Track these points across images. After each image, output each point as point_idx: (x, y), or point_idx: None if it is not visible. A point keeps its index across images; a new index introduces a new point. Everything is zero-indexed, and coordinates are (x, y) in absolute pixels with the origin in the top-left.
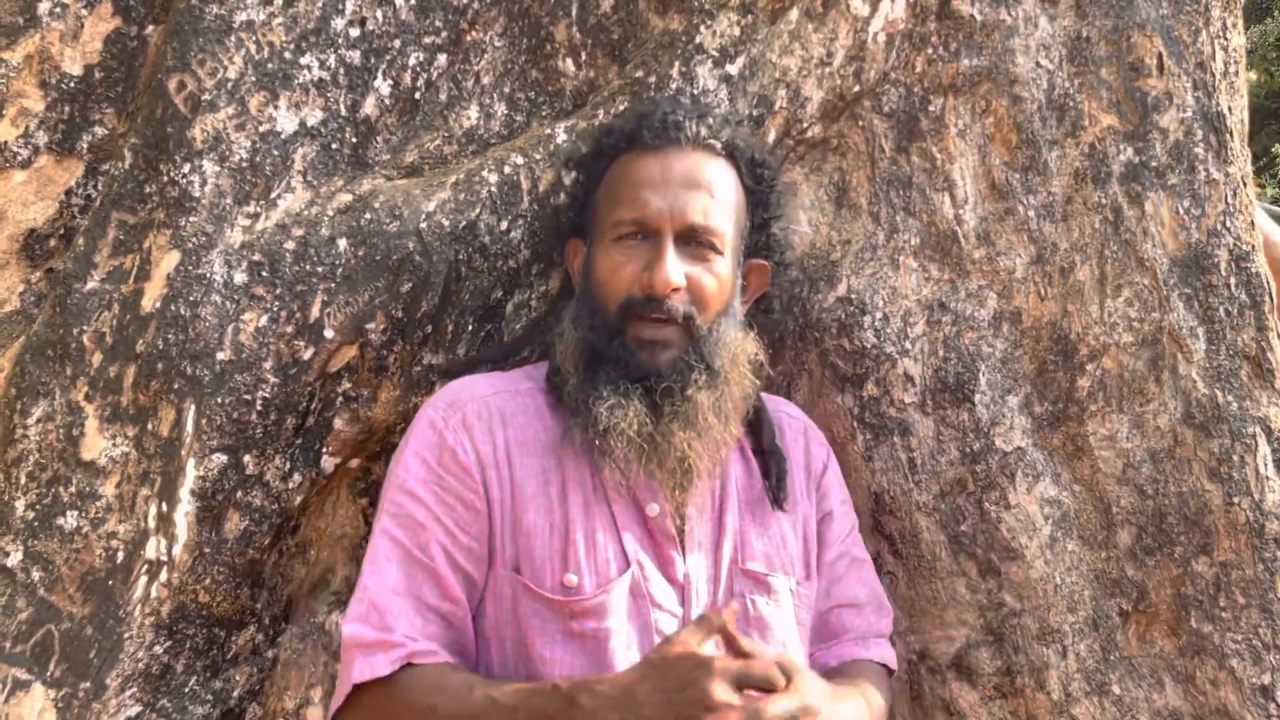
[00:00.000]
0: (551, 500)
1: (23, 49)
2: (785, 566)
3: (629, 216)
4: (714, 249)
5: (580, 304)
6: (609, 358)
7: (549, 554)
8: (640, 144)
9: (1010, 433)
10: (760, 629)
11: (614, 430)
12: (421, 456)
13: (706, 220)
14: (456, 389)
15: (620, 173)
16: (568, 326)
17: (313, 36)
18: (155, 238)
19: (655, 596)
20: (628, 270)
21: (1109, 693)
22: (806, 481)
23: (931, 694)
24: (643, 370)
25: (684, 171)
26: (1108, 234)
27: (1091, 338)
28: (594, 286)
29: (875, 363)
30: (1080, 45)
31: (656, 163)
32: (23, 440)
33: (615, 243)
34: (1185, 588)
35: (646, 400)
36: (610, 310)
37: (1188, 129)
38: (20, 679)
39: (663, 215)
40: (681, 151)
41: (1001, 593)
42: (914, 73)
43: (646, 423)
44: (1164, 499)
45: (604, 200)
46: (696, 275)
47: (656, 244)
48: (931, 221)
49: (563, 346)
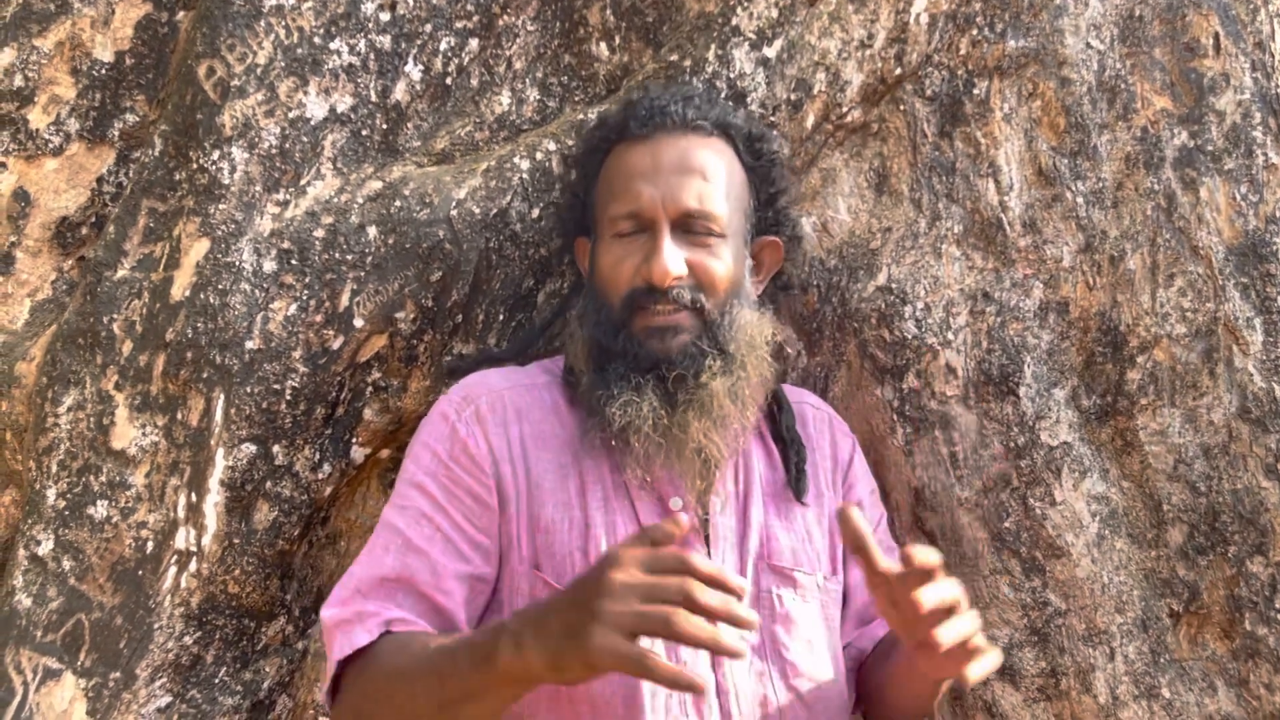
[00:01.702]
0: (570, 495)
1: (54, 35)
2: (811, 562)
3: (624, 210)
4: (713, 233)
5: (586, 302)
6: (617, 352)
7: (569, 550)
8: (629, 134)
9: (1056, 427)
10: (786, 625)
11: (629, 428)
12: (432, 448)
13: (702, 205)
14: (471, 383)
15: (613, 166)
16: (575, 325)
17: (342, 21)
18: (185, 225)
19: None
20: (628, 264)
21: (1158, 696)
22: (833, 472)
23: (973, 695)
24: (653, 359)
25: (675, 157)
26: (1160, 221)
27: (1142, 329)
28: (598, 283)
29: (916, 354)
30: (1133, 24)
31: (646, 151)
32: (54, 429)
33: (615, 238)
34: (1239, 588)
35: (659, 390)
36: (614, 305)
37: (1245, 111)
38: (51, 668)
39: (656, 204)
40: (671, 137)
41: (1046, 592)
42: (958, 54)
43: (661, 415)
44: (1217, 496)
45: (601, 195)
46: (699, 260)
47: (653, 235)
48: (975, 209)
49: (573, 346)
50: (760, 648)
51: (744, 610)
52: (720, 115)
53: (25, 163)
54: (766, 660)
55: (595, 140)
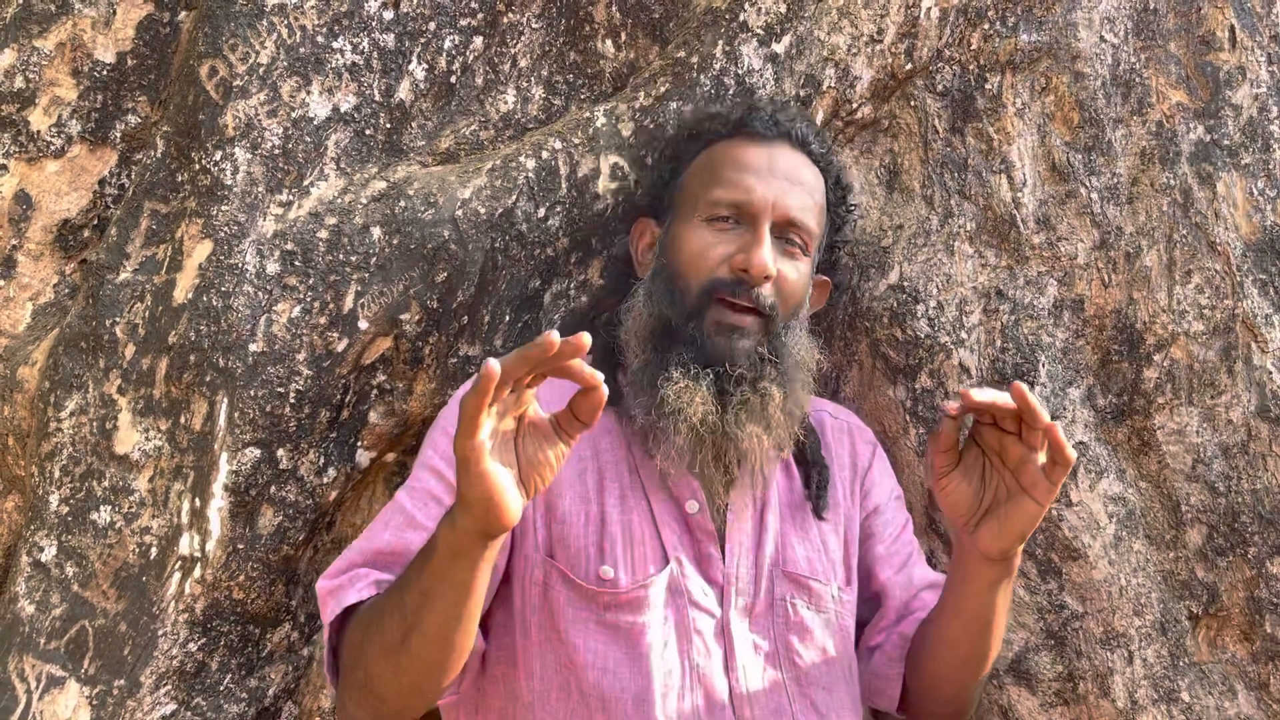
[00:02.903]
0: (588, 489)
1: (55, 36)
2: (826, 572)
3: (728, 198)
4: (803, 248)
5: (654, 282)
6: (684, 339)
7: (584, 544)
8: (747, 131)
9: (1072, 426)
10: (800, 633)
11: (679, 414)
12: (450, 433)
13: (804, 217)
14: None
15: (722, 155)
16: (641, 302)
17: (345, 20)
18: (187, 227)
19: (693, 594)
20: (718, 250)
21: (1178, 700)
22: (851, 481)
23: (989, 699)
24: (718, 355)
25: (789, 167)
26: (1176, 217)
27: (1159, 326)
28: (676, 264)
29: (929, 353)
30: (1147, 18)
31: (764, 152)
32: (56, 434)
33: (707, 223)
34: (1259, 590)
35: (715, 388)
36: (692, 289)
37: (1262, 105)
38: (55, 676)
39: (766, 202)
40: (788, 148)
41: (1063, 594)
42: (969, 49)
43: (712, 411)
44: (1237, 496)
45: (698, 180)
46: (785, 269)
47: (755, 229)
48: (988, 205)
49: (632, 322)
50: (773, 655)
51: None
52: (827, 151)
53: (27, 165)
54: (780, 668)
55: (701, 129)
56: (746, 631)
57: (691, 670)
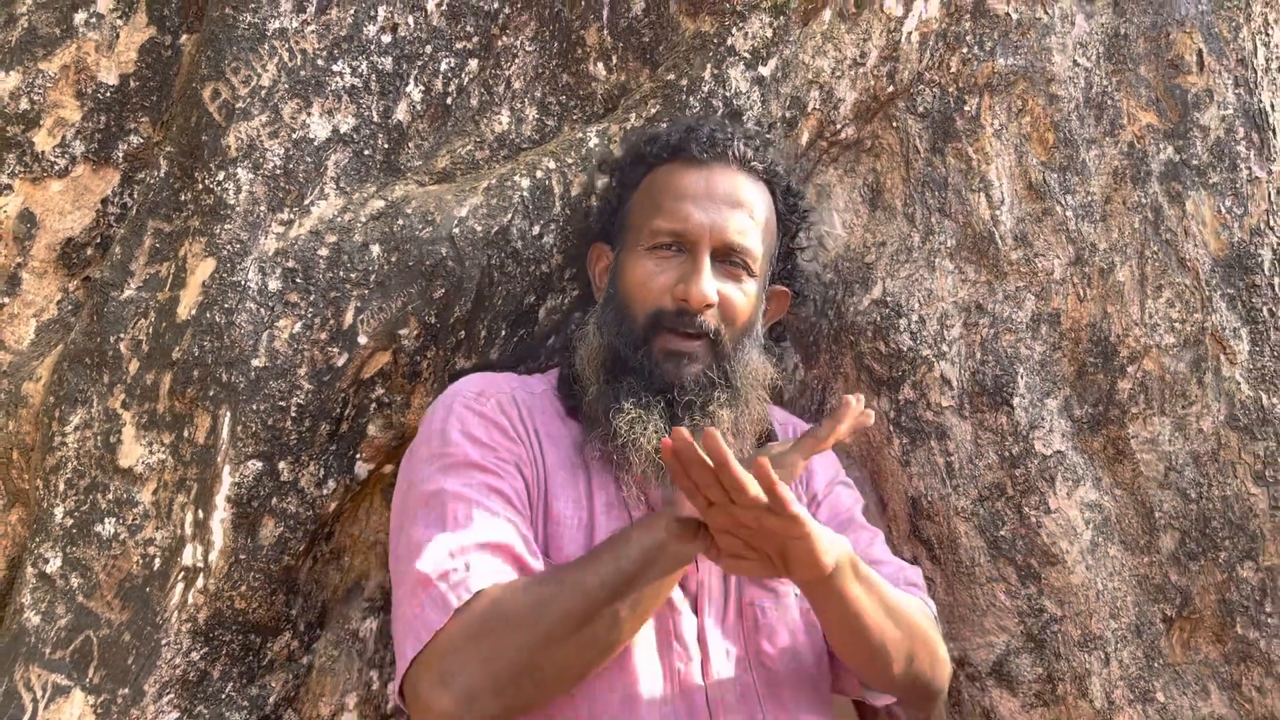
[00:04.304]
0: (580, 494)
1: (59, 59)
2: None
3: (668, 227)
4: (747, 270)
5: (606, 310)
6: (633, 368)
7: (575, 548)
8: (685, 156)
9: (1050, 436)
10: (769, 636)
11: (632, 445)
12: (470, 434)
13: (744, 240)
14: (479, 380)
15: (662, 182)
16: (592, 332)
17: (345, 43)
18: (191, 245)
19: (673, 601)
20: (660, 280)
21: (1153, 700)
22: (807, 483)
23: (971, 701)
24: (666, 382)
25: (728, 189)
26: (1148, 234)
27: (1132, 339)
28: (623, 293)
29: (911, 366)
30: (1118, 42)
31: (701, 177)
32: (61, 448)
33: (649, 251)
34: (1230, 593)
35: (667, 414)
36: (638, 319)
37: (1229, 126)
38: (60, 685)
39: (703, 230)
40: (727, 169)
41: (1042, 599)
42: (949, 72)
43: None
44: (1208, 503)
45: (641, 207)
46: (728, 293)
47: (694, 258)
48: (967, 223)
49: (585, 351)
50: (744, 659)
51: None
52: (771, 163)
53: (31, 185)
54: (750, 671)
55: (645, 153)
56: (720, 638)
57: (673, 675)
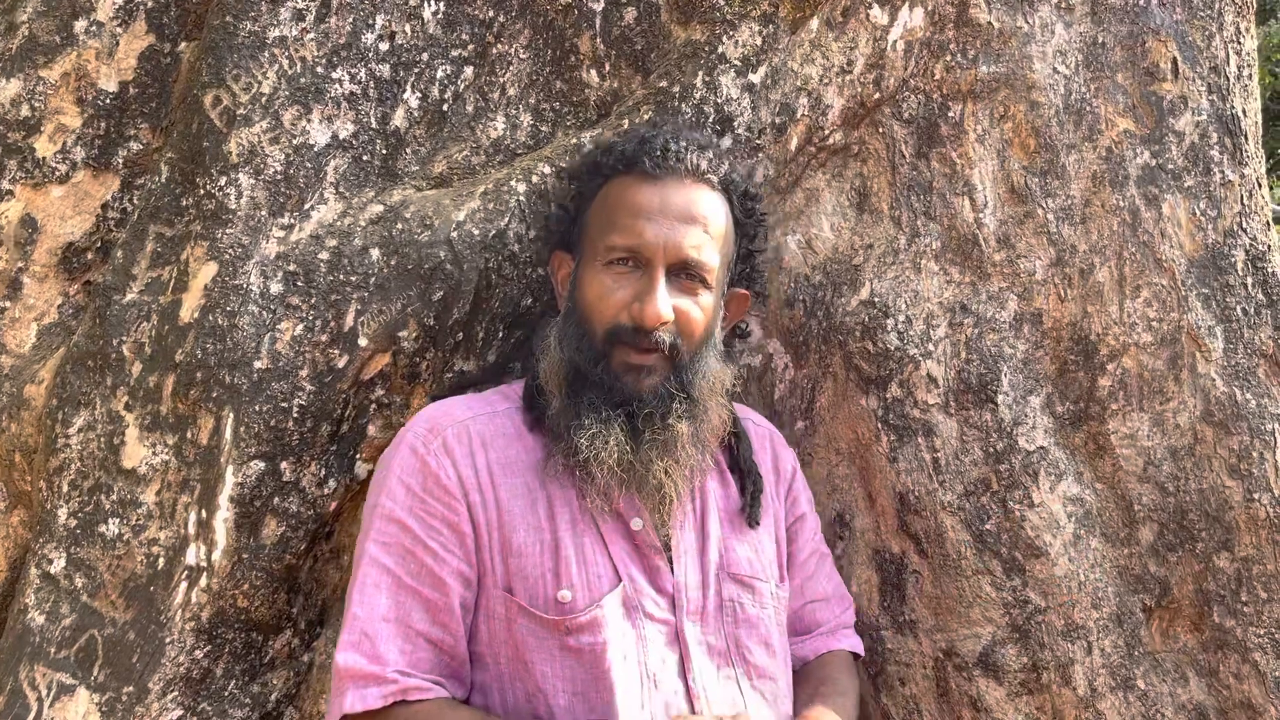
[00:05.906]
0: (540, 518)
1: (60, 67)
2: (765, 570)
3: (623, 243)
4: (703, 282)
5: (566, 324)
6: (593, 382)
7: (541, 572)
8: (639, 170)
9: (1033, 432)
10: (748, 630)
11: (594, 459)
12: (405, 483)
13: (699, 255)
14: (434, 413)
15: (617, 196)
16: (553, 345)
17: (344, 51)
18: (192, 249)
19: (646, 607)
20: (617, 297)
21: (1134, 688)
22: (777, 485)
23: (958, 690)
24: (625, 395)
25: (681, 204)
26: (1126, 236)
27: (1111, 338)
28: (581, 308)
29: (899, 365)
30: (1096, 51)
31: (655, 192)
32: (64, 450)
33: (606, 267)
34: (1207, 583)
35: (628, 426)
36: (596, 335)
37: (1203, 132)
38: (65, 684)
39: (657, 247)
40: (680, 183)
41: (1026, 590)
42: (933, 79)
43: (627, 451)
44: (1185, 496)
45: (597, 221)
46: (684, 308)
47: (649, 275)
48: (952, 225)
49: (547, 365)
50: (726, 652)
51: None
52: (726, 172)
53: (32, 190)
54: (733, 664)
55: (600, 164)
56: (699, 635)
57: (649, 678)
